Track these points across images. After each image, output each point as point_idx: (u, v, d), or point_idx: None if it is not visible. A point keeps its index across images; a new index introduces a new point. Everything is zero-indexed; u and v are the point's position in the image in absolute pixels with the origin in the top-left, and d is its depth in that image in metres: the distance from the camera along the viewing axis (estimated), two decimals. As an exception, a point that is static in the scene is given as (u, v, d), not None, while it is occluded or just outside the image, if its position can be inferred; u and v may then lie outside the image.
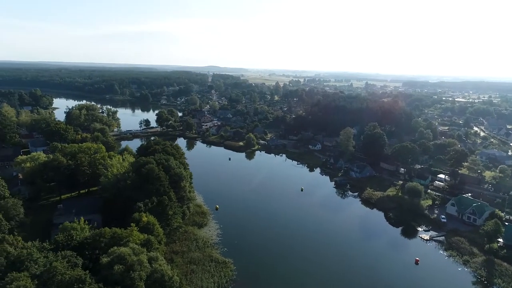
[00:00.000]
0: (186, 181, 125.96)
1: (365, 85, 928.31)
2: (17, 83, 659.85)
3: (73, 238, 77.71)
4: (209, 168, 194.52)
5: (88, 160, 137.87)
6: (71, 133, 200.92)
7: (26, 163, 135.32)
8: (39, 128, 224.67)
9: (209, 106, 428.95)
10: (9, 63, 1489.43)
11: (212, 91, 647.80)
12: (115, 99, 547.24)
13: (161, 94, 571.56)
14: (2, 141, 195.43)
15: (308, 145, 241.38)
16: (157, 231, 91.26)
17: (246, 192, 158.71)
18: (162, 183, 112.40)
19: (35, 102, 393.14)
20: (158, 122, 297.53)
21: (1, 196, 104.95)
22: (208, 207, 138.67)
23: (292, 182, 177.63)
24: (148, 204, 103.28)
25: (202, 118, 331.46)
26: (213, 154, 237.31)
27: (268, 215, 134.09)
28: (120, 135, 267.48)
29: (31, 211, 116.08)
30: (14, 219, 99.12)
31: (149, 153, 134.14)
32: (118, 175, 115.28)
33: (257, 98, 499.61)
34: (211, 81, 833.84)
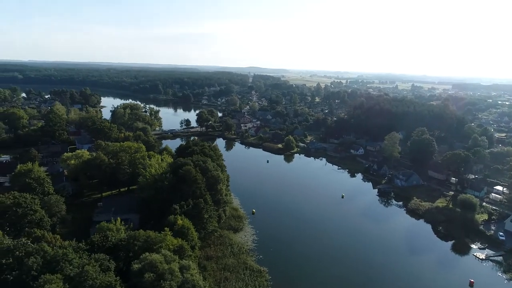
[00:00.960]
0: (223, 183, 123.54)
1: (412, 87, 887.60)
2: (70, 82, 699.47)
3: (108, 239, 77.22)
4: (247, 170, 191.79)
5: (129, 159, 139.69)
6: (115, 131, 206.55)
7: (71, 160, 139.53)
8: (86, 125, 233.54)
9: (249, 107, 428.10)
10: (63, 63, 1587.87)
11: (252, 91, 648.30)
12: (159, 99, 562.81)
13: (202, 94, 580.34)
14: (52, 138, 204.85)
15: (349, 150, 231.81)
16: (192, 235, 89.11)
17: (283, 197, 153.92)
18: (199, 185, 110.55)
19: (85, 101, 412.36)
20: (198, 122, 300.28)
21: (46, 192, 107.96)
22: (245, 211, 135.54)
23: (332, 188, 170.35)
24: (184, 206, 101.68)
25: (241, 119, 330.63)
26: (251, 155, 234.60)
27: (306, 222, 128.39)
28: (161, 134, 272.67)
29: (73, 207, 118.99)
30: (56, 215, 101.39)
31: (187, 154, 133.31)
32: (156, 176, 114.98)
33: (298, 99, 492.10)
34: (251, 82, 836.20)
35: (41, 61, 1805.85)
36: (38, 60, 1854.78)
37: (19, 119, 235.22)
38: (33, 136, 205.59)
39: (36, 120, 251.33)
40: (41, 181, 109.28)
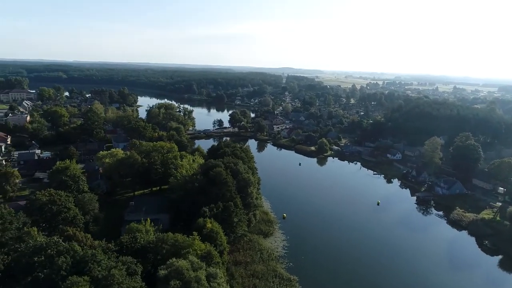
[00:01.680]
0: (254, 186, 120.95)
1: (453, 90, 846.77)
2: (110, 82, 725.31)
3: (137, 240, 76.70)
4: (278, 173, 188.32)
5: (161, 158, 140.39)
6: (149, 130, 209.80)
7: (106, 159, 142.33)
8: (122, 124, 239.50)
9: (282, 108, 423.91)
10: (104, 63, 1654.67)
11: (286, 92, 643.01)
12: (193, 99, 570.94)
13: (235, 94, 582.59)
14: (90, 136, 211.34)
15: (386, 154, 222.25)
16: (220, 240, 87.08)
17: (316, 201, 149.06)
18: (229, 188, 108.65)
19: (123, 100, 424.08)
20: (231, 122, 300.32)
21: (80, 190, 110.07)
22: (275, 215, 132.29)
23: (367, 193, 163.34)
24: (214, 209, 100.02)
25: (274, 120, 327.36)
26: (283, 158, 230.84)
27: (340, 230, 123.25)
28: (194, 134, 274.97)
29: (106, 205, 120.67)
30: (90, 213, 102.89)
31: (219, 155, 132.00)
32: (187, 177, 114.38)
33: (332, 101, 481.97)
34: (285, 83, 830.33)
35: (85, 61, 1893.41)
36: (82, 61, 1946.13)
37: (61, 117, 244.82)
38: (72, 133, 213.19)
39: (76, 118, 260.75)
40: (77, 179, 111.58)
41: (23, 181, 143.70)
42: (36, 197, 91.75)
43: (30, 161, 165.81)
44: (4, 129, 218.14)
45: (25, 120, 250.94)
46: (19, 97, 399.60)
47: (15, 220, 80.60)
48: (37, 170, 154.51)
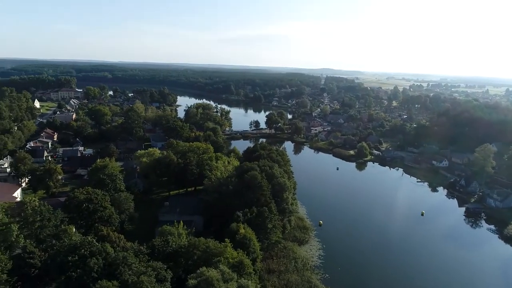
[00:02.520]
0: (290, 191, 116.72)
1: (506, 92, 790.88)
2: (151, 82, 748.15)
3: (169, 244, 75.26)
4: (315, 177, 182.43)
5: (196, 159, 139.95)
6: (186, 130, 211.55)
7: (143, 158, 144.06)
8: (161, 124, 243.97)
9: (320, 110, 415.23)
10: (147, 64, 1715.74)
11: (324, 94, 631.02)
12: (230, 99, 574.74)
13: (273, 95, 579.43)
14: (130, 134, 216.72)
15: (431, 161, 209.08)
16: (254, 247, 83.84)
17: (354, 209, 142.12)
18: (264, 192, 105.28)
19: (163, 100, 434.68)
20: (267, 123, 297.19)
21: (117, 189, 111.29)
22: (311, 221, 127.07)
23: (410, 203, 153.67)
24: (248, 214, 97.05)
25: (311, 122, 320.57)
26: (320, 161, 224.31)
27: (380, 240, 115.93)
28: (230, 135, 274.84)
29: (142, 204, 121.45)
30: (125, 213, 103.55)
31: (254, 158, 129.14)
32: (221, 179, 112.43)
33: (373, 103, 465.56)
34: (323, 84, 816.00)
35: (129, 62, 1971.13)
36: (126, 61, 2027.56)
37: (104, 115, 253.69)
38: (113, 132, 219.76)
39: (118, 117, 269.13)
40: (114, 177, 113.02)
41: (65, 177, 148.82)
42: (74, 195, 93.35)
43: (73, 158, 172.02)
44: (52, 126, 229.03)
45: (71, 118, 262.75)
46: (67, 96, 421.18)
47: (53, 218, 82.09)
48: (79, 167, 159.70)
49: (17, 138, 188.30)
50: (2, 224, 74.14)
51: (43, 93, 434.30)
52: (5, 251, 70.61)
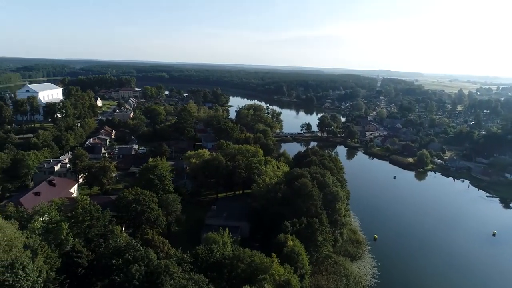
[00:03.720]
0: (343, 202, 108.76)
1: None
2: (205, 82, 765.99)
3: (213, 253, 71.78)
4: (369, 186, 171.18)
5: (245, 162, 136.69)
6: (237, 131, 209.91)
7: (193, 159, 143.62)
8: (212, 124, 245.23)
9: (376, 113, 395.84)
10: (202, 65, 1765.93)
11: (380, 96, 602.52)
12: (282, 100, 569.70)
13: (326, 97, 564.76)
14: (182, 134, 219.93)
15: (503, 173, 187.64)
16: (302, 262, 77.79)
17: (413, 223, 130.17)
18: (315, 202, 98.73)
19: (215, 100, 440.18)
20: (319, 126, 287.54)
21: (166, 190, 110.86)
22: (365, 235, 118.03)
23: (478, 220, 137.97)
24: (296, 224, 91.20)
25: (366, 126, 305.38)
26: (375, 168, 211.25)
27: (442, 262, 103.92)
28: (280, 137, 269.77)
29: (189, 206, 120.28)
30: (172, 214, 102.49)
31: (305, 164, 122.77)
32: (270, 185, 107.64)
33: (435, 107, 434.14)
34: (379, 86, 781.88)
35: (186, 62, 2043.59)
36: (183, 62, 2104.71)
37: (158, 114, 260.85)
38: (166, 131, 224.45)
39: (172, 116, 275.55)
40: (163, 178, 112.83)
41: (119, 174, 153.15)
42: (124, 195, 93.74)
43: (128, 156, 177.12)
44: (110, 124, 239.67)
45: (129, 116, 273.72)
46: (127, 95, 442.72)
47: (102, 218, 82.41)
48: (132, 165, 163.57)
49: (78, 134, 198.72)
50: (54, 221, 75.31)
51: (106, 92, 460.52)
52: (55, 248, 71.35)
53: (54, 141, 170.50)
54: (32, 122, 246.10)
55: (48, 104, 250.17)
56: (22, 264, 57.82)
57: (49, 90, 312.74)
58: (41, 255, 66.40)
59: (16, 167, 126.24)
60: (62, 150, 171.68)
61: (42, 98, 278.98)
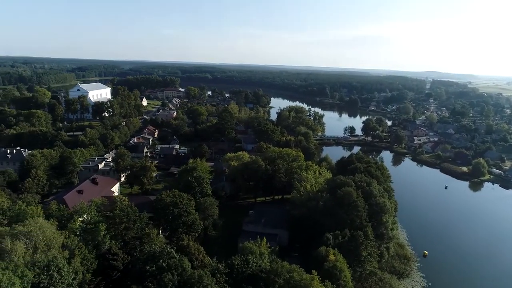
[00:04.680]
0: (390, 214, 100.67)
1: None
2: (247, 83, 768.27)
3: (249, 265, 67.95)
4: (418, 196, 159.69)
5: (285, 167, 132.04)
6: (277, 134, 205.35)
7: (232, 161, 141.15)
8: (252, 125, 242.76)
9: (425, 117, 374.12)
10: (245, 66, 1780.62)
11: (430, 99, 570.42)
12: (325, 102, 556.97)
13: (370, 99, 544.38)
14: (222, 135, 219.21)
15: None
16: (345, 279, 71.84)
17: (469, 240, 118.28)
18: (359, 213, 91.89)
19: (256, 101, 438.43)
20: (363, 130, 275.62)
21: (203, 193, 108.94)
22: (413, 250, 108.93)
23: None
24: (339, 237, 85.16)
25: (414, 131, 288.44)
26: (425, 177, 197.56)
27: (502, 285, 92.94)
28: (322, 140, 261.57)
29: (227, 209, 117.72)
30: (209, 219, 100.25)
31: (349, 171, 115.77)
32: (311, 193, 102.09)
33: (491, 112, 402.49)
34: (429, 88, 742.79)
35: (229, 64, 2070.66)
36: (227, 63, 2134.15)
37: (200, 115, 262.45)
38: (207, 131, 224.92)
39: (213, 117, 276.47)
40: (201, 181, 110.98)
41: (160, 174, 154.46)
42: (161, 197, 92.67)
43: (169, 156, 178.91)
44: (154, 124, 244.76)
45: (172, 116, 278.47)
46: (171, 95, 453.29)
47: (139, 220, 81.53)
48: (173, 165, 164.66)
49: (123, 133, 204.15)
50: (92, 222, 75.28)
51: (151, 91, 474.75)
52: (92, 249, 71.08)
53: (100, 139, 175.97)
54: (82, 120, 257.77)
55: (96, 103, 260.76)
56: (57, 266, 57.41)
57: (98, 90, 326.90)
58: (78, 256, 66.20)
59: (63, 164, 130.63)
60: (107, 148, 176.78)
61: (92, 97, 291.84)
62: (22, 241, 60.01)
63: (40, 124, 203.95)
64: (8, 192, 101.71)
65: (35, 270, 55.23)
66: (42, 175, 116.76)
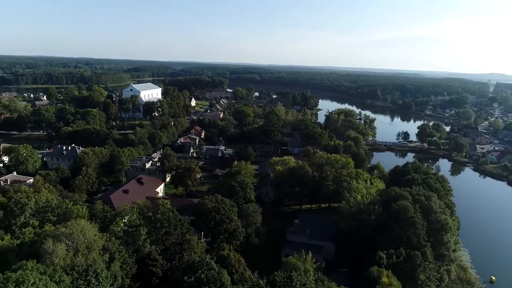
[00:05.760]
0: (452, 233, 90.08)
1: None
2: (295, 84, 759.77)
3: (292, 282, 62.62)
4: (483, 212, 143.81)
5: (334, 174, 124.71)
6: (325, 138, 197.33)
7: (277, 166, 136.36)
8: (299, 128, 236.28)
9: (488, 124, 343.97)
10: (292, 67, 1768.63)
11: (494, 104, 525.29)
12: (375, 105, 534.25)
13: (426, 103, 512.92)
14: (268, 137, 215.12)
15: None
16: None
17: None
18: (417, 231, 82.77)
19: (304, 103, 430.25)
20: (419, 136, 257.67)
21: (247, 198, 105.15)
22: (478, 274, 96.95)
23: None
24: (393, 256, 76.87)
25: (477, 138, 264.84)
26: (490, 190, 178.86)
27: None
28: (373, 145, 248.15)
29: (270, 216, 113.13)
30: (251, 226, 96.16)
31: (405, 183, 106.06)
32: (361, 205, 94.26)
33: None
34: (492, 92, 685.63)
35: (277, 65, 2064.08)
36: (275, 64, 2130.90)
37: (247, 116, 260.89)
38: (253, 133, 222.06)
39: (259, 118, 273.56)
40: (245, 186, 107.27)
41: (204, 175, 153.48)
42: (204, 202, 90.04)
43: (214, 157, 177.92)
44: (201, 124, 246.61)
45: (218, 117, 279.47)
46: (219, 96, 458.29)
47: (179, 226, 79.29)
48: (218, 166, 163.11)
49: (171, 133, 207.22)
50: (133, 225, 74.09)
51: (200, 92, 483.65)
52: (132, 254, 69.68)
53: (148, 139, 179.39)
54: (133, 119, 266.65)
55: (147, 103, 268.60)
56: (96, 271, 56.00)
57: (150, 90, 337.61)
58: (118, 260, 64.93)
59: (112, 163, 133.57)
60: (155, 148, 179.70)
61: (143, 97, 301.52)
62: (64, 243, 59.56)
63: (94, 122, 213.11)
64: (59, 189, 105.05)
65: (73, 274, 54.22)
66: (92, 173, 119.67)
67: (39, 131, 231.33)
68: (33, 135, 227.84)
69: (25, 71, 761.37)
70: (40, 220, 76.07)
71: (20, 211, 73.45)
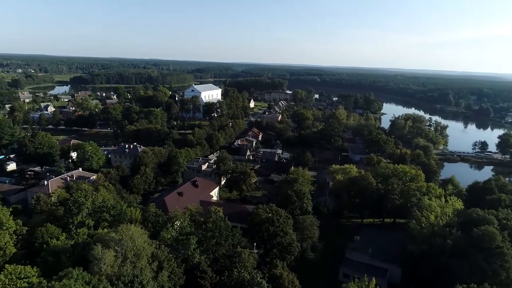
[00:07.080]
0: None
1: None
2: (357, 87, 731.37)
3: (352, 315, 54.83)
4: None
5: (401, 187, 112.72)
6: (390, 145, 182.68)
7: (337, 174, 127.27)
8: (361, 134, 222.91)
9: None
10: (354, 68, 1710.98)
11: None
12: (446, 110, 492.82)
13: (507, 109, 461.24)
14: (328, 143, 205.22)
15: None
16: None
17: None
18: (506, 264, 70.01)
19: (367, 106, 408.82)
20: (499, 147, 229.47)
21: (303, 209, 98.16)
22: None
23: None
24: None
25: None
26: None
27: None
28: (444, 155, 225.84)
29: (328, 229, 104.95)
30: (307, 240, 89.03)
31: (488, 203, 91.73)
32: (435, 226, 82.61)
33: None
34: None
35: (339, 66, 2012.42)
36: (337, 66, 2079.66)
37: (305, 119, 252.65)
38: (312, 138, 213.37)
39: (319, 122, 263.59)
40: (302, 195, 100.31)
41: (260, 180, 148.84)
42: (258, 212, 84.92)
43: (270, 161, 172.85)
44: (258, 126, 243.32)
45: (277, 119, 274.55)
46: (278, 97, 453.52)
47: (231, 237, 74.91)
48: (274, 171, 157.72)
49: (228, 135, 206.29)
50: (184, 233, 71.19)
51: (259, 93, 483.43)
52: (181, 263, 66.63)
53: (206, 140, 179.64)
54: (193, 119, 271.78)
55: (207, 104, 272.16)
56: (141, 283, 53.26)
57: (210, 91, 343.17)
58: (166, 270, 62.16)
59: (170, 163, 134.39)
60: (212, 149, 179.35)
61: (204, 97, 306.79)
62: (113, 249, 57.93)
63: (156, 121, 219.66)
64: (118, 187, 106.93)
65: (119, 284, 51.93)
66: (150, 173, 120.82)
67: (107, 128, 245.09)
68: (101, 132, 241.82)
69: (100, 71, 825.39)
70: (96, 220, 76.52)
71: (77, 211, 74.28)
